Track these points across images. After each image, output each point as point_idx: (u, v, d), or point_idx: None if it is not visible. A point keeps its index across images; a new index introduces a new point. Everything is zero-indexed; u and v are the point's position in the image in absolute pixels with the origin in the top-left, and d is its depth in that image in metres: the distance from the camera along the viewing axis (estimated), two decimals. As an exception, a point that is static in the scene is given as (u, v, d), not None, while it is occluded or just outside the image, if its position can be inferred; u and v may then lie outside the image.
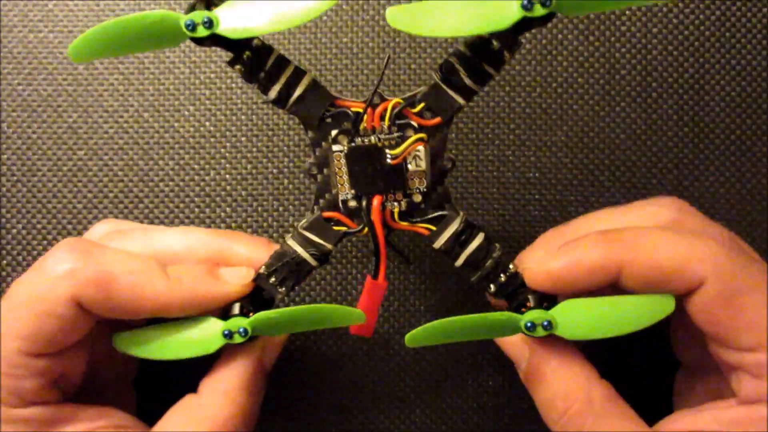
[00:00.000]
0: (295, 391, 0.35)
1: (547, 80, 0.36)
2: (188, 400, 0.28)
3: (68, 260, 0.26)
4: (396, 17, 0.24)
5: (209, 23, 0.25)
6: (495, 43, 0.26)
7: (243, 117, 0.36)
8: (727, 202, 0.35)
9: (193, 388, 0.29)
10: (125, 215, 0.35)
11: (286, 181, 0.35)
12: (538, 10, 0.23)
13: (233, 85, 0.35)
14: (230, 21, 0.25)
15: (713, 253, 0.25)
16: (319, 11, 0.25)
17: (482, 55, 0.26)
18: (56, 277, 0.26)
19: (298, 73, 0.26)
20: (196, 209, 0.35)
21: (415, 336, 0.26)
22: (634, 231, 0.26)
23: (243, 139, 0.35)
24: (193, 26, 0.25)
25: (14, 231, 0.35)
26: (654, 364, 0.32)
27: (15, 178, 0.35)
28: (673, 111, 0.36)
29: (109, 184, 0.35)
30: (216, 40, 0.26)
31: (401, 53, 0.36)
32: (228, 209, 0.35)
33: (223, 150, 0.35)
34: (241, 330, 0.27)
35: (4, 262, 0.35)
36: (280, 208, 0.35)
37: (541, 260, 0.26)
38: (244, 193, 0.35)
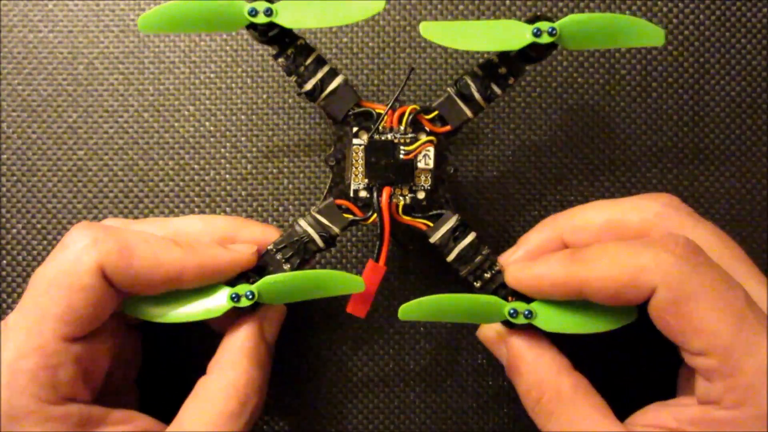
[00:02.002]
0: (294, 391, 0.35)
1: (547, 80, 0.36)
2: (200, 383, 0.29)
3: (88, 235, 0.27)
4: (429, 30, 0.29)
5: (269, 12, 0.28)
6: (503, 68, 0.30)
7: (243, 117, 0.36)
8: (727, 202, 0.35)
9: (190, 384, 0.29)
10: (125, 215, 0.35)
11: (286, 181, 0.35)
12: (545, 38, 0.28)
13: (233, 85, 0.36)
14: (287, 13, 0.29)
15: (662, 261, 0.26)
16: (368, 13, 0.29)
17: (492, 77, 0.30)
18: (79, 250, 0.27)
19: (333, 73, 0.30)
20: (196, 209, 0.35)
21: (408, 309, 0.29)
22: (594, 249, 0.27)
23: (243, 139, 0.35)
24: (255, 12, 0.28)
25: (14, 231, 0.35)
26: (662, 359, 0.32)
27: (15, 178, 0.35)
28: (673, 111, 0.36)
29: (109, 184, 0.35)
30: (266, 34, 0.29)
31: (401, 53, 0.36)
32: (228, 209, 0.35)
33: (223, 150, 0.35)
34: (248, 293, 0.29)
35: (4, 262, 0.35)
36: (280, 208, 0.35)
37: (516, 266, 0.29)
38: (244, 193, 0.35)
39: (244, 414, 0.28)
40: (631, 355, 0.34)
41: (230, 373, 0.28)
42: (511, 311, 0.29)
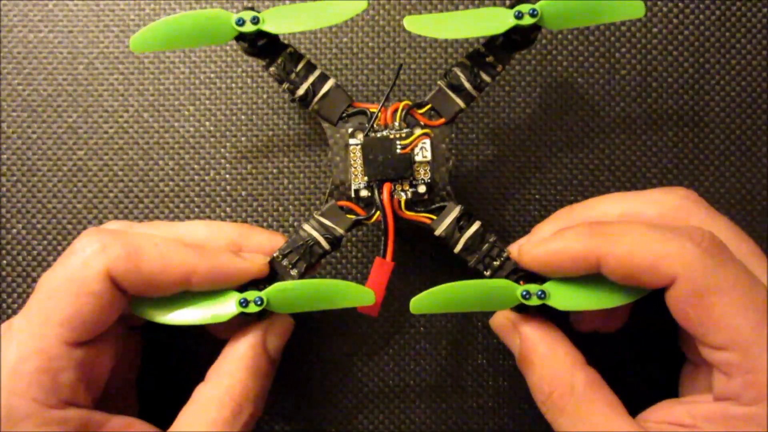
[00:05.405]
0: (295, 391, 0.35)
1: (547, 80, 0.36)
2: (197, 390, 0.29)
3: (96, 240, 0.27)
4: (414, 24, 0.29)
5: (256, 20, 0.29)
6: (491, 57, 0.30)
7: (243, 117, 0.36)
8: (727, 202, 0.35)
9: (192, 389, 0.29)
10: (125, 215, 0.35)
11: (286, 181, 0.35)
12: (527, 20, 0.29)
13: (233, 85, 0.36)
14: (273, 20, 0.29)
15: (686, 252, 0.25)
16: (351, 14, 0.29)
17: (480, 66, 0.30)
18: (88, 256, 0.27)
19: (323, 77, 0.31)
20: (196, 209, 0.35)
21: (420, 301, 0.28)
22: (618, 226, 0.27)
23: (243, 139, 0.36)
24: (242, 22, 0.29)
25: (14, 231, 0.35)
26: (665, 356, 0.32)
27: (15, 178, 0.35)
28: (673, 111, 0.36)
29: (109, 184, 0.35)
30: (255, 44, 0.30)
31: (401, 53, 0.36)
32: (228, 209, 0.35)
33: (223, 150, 0.35)
34: (257, 299, 0.28)
35: (4, 262, 0.35)
36: (280, 208, 0.35)
37: (531, 243, 0.29)
38: (244, 193, 0.35)
39: (238, 423, 0.28)
40: (639, 352, 0.34)
41: (226, 381, 0.28)
42: (524, 293, 0.28)
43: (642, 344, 0.34)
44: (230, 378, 0.28)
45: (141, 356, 0.33)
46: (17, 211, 0.35)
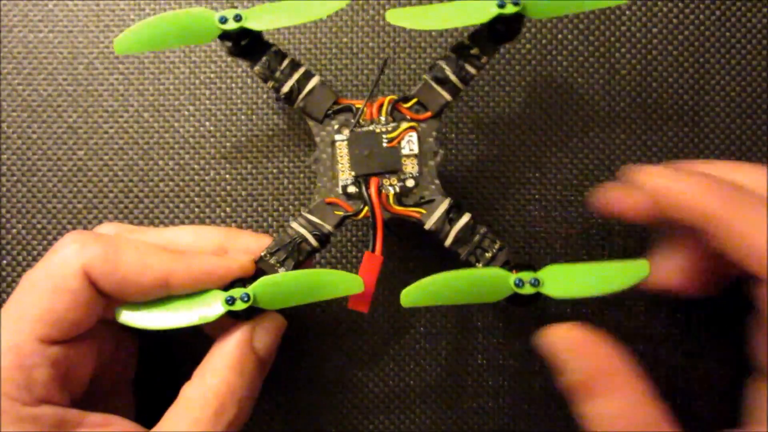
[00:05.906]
0: (295, 390, 0.35)
1: (547, 80, 0.36)
2: (182, 388, 0.28)
3: (76, 240, 0.27)
4: (395, 16, 0.30)
5: (239, 18, 0.29)
6: (475, 49, 0.30)
7: (243, 117, 0.36)
8: (727, 202, 0.35)
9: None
10: (125, 215, 0.35)
11: (286, 181, 0.35)
12: (510, 9, 0.29)
13: (233, 85, 0.36)
14: (256, 17, 0.29)
15: None
16: (332, 10, 0.30)
17: (465, 58, 0.30)
18: (66, 254, 0.27)
19: (308, 75, 0.31)
20: (196, 209, 0.35)
21: (409, 294, 0.28)
22: (753, 200, 0.26)
23: (243, 139, 0.36)
24: (224, 20, 0.29)
25: (14, 231, 0.35)
26: (722, 368, 0.32)
27: (15, 178, 0.35)
28: (673, 111, 0.36)
29: (109, 184, 0.35)
30: (239, 43, 0.30)
31: (401, 53, 0.36)
32: (228, 209, 0.35)
33: (223, 150, 0.35)
34: (244, 296, 0.28)
35: (4, 262, 0.35)
36: (280, 208, 0.35)
37: (658, 170, 0.28)
38: (244, 193, 0.35)
39: (221, 423, 0.27)
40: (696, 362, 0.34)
41: (209, 380, 0.28)
42: (517, 281, 0.28)
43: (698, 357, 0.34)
44: (214, 376, 0.28)
45: (137, 356, 0.33)
46: (17, 211, 0.35)
